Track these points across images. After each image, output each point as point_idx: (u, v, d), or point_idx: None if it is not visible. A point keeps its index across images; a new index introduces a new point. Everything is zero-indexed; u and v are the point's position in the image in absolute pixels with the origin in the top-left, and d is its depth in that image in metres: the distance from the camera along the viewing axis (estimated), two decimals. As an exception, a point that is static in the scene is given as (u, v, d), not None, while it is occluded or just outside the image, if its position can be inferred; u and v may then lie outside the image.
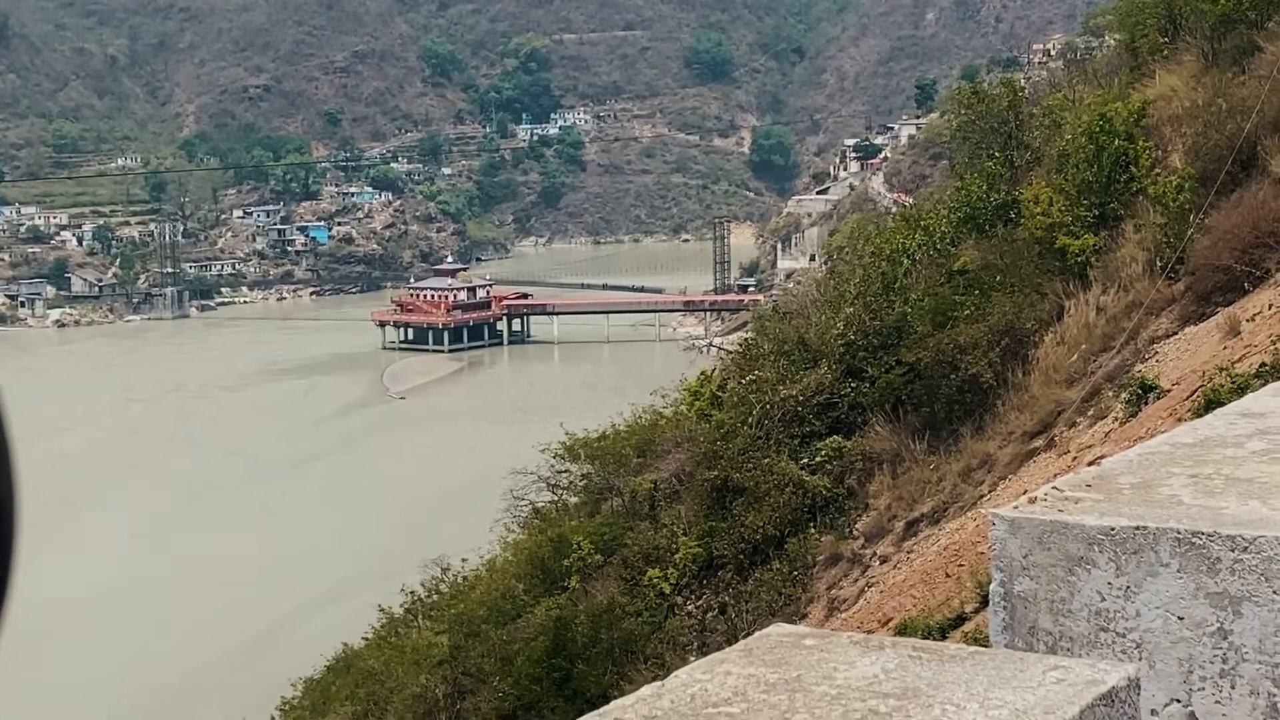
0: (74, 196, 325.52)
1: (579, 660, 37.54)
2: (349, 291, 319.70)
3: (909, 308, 38.80)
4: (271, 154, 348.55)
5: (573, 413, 77.17)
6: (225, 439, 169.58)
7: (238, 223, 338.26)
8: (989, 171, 43.07)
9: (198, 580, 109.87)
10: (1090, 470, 4.88)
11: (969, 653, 3.43)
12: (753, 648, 3.42)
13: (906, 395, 37.67)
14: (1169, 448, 5.02)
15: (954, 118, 54.14)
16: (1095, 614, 4.24)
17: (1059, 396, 33.89)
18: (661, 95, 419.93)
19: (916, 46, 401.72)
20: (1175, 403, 27.93)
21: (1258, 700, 4.07)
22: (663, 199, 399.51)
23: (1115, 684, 3.22)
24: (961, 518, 33.06)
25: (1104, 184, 37.50)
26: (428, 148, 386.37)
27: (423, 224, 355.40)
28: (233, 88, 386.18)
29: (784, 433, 39.29)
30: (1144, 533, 4.17)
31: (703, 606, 38.50)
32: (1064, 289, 36.67)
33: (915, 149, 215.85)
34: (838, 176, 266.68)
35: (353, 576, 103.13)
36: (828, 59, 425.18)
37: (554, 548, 44.27)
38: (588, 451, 51.08)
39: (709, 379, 50.38)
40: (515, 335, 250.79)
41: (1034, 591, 4.32)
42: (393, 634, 51.23)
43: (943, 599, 28.82)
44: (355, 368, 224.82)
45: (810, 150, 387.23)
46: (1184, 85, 39.62)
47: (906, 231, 45.15)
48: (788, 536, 37.37)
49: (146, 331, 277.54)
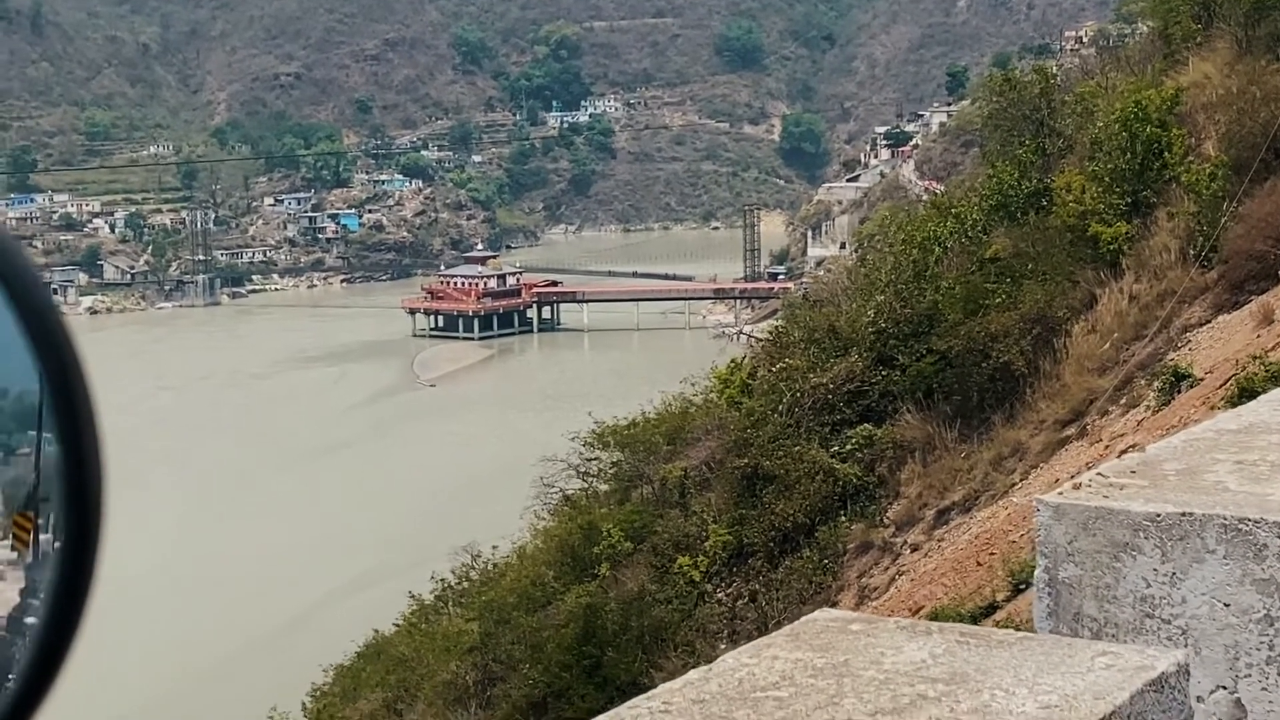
0: (106, 184, 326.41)
1: (609, 648, 37.57)
2: (379, 279, 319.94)
3: (940, 296, 38.71)
4: (302, 142, 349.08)
5: (602, 400, 77.28)
6: (255, 426, 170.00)
7: (269, 210, 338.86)
8: (1021, 159, 42.92)
9: (228, 567, 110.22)
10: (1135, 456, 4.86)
11: (1017, 638, 3.42)
12: (799, 632, 3.41)
13: (938, 383, 37.60)
14: (1214, 434, 4.99)
15: (985, 105, 54.05)
16: (1140, 600, 4.23)
17: (1091, 385, 33.79)
18: (692, 83, 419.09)
19: (948, 33, 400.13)
20: (1208, 391, 27.84)
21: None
22: (693, 186, 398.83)
23: (1165, 670, 3.21)
24: (993, 506, 33.00)
25: (1137, 172, 37.35)
26: (458, 135, 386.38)
27: (453, 211, 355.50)
28: (264, 75, 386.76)
29: (814, 421, 39.26)
30: (1190, 519, 4.15)
31: (733, 594, 38.50)
32: (1096, 277, 36.55)
33: (946, 136, 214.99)
34: (868, 164, 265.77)
35: (383, 563, 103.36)
36: (858, 46, 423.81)
37: (584, 535, 44.31)
38: (618, 439, 51.10)
39: (739, 367, 50.38)
40: (545, 323, 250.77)
41: (1079, 578, 4.30)
42: (423, 621, 51.35)
43: (974, 587, 28.78)
44: (385, 355, 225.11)
45: (841, 138, 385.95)
46: (1218, 72, 39.45)
47: (937, 219, 45.05)
48: (818, 524, 37.35)
49: (178, 319, 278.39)
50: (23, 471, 2.50)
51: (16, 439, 2.49)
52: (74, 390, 2.43)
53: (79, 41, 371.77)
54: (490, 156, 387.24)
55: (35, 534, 2.50)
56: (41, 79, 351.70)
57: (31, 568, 2.52)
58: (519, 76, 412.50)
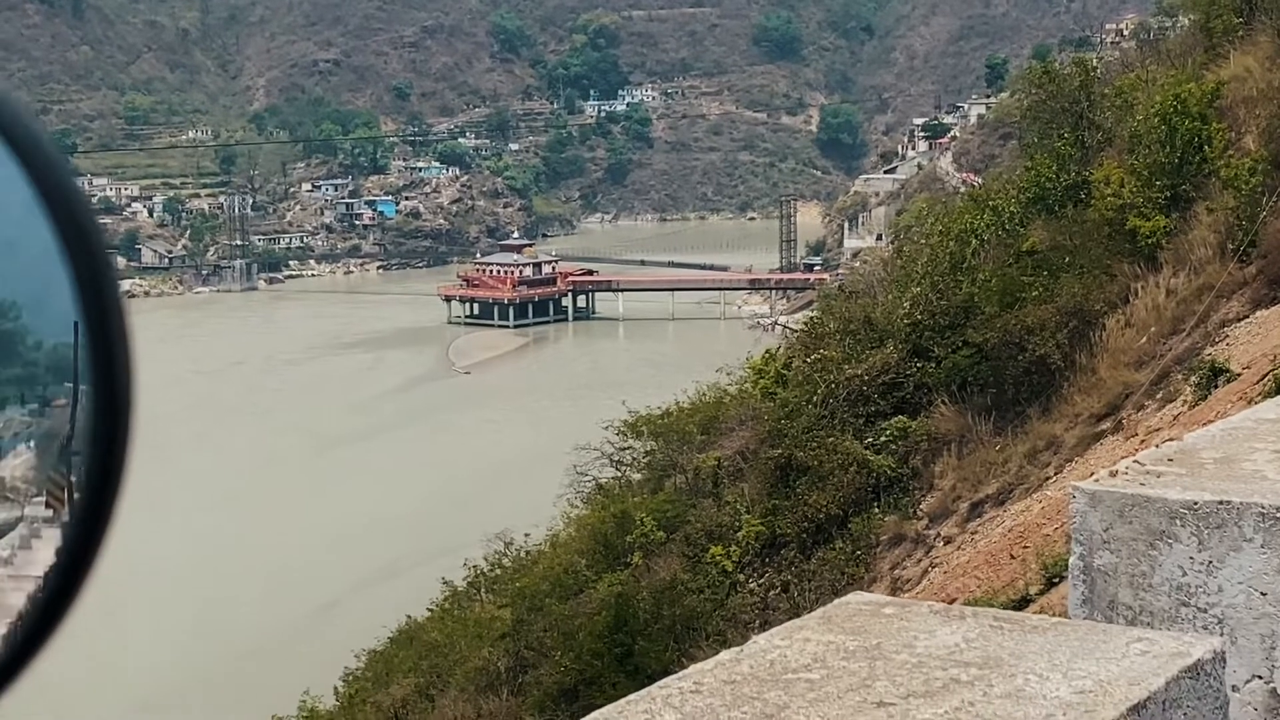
0: (145, 168, 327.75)
1: (640, 636, 37.60)
2: (415, 266, 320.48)
3: (976, 288, 38.61)
4: (340, 128, 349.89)
5: (637, 389, 77.21)
6: (290, 411, 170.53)
7: (306, 196, 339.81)
8: (1059, 152, 42.73)
9: (262, 551, 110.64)
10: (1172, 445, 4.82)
11: (1051, 623, 3.40)
12: (831, 615, 3.39)
13: (973, 376, 37.50)
14: (1252, 423, 4.95)
15: (1024, 97, 53.78)
16: (1176, 588, 4.19)
17: (1127, 379, 33.65)
18: (730, 73, 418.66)
19: (987, 25, 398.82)
20: (1246, 386, 27.69)
21: (1341, 679, 4.02)
22: (729, 177, 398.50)
23: (1200, 656, 3.18)
24: (1027, 499, 32.90)
25: (1176, 166, 37.17)
26: (495, 123, 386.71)
27: (489, 199, 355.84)
28: (303, 62, 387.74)
29: (849, 412, 39.20)
30: (1227, 507, 4.12)
31: (765, 585, 38.48)
32: (1134, 271, 36.39)
33: (984, 129, 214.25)
34: (906, 156, 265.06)
35: (416, 549, 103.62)
36: (897, 37, 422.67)
37: (617, 524, 44.37)
38: (651, 428, 51.19)
39: (774, 357, 50.33)
40: (580, 311, 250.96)
41: (1114, 565, 4.27)
42: (456, 607, 51.50)
43: (1007, 580, 28.70)
44: (421, 342, 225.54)
45: (878, 129, 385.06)
46: (1259, 66, 39.21)
47: (975, 211, 44.89)
48: (851, 516, 37.31)
49: (214, 303, 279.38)
50: (57, 424, 2.49)
51: (53, 390, 2.49)
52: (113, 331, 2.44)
53: (119, 26, 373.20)
54: (527, 145, 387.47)
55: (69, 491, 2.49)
56: (82, 63, 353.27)
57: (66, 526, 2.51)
58: (557, 65, 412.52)
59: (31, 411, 2.48)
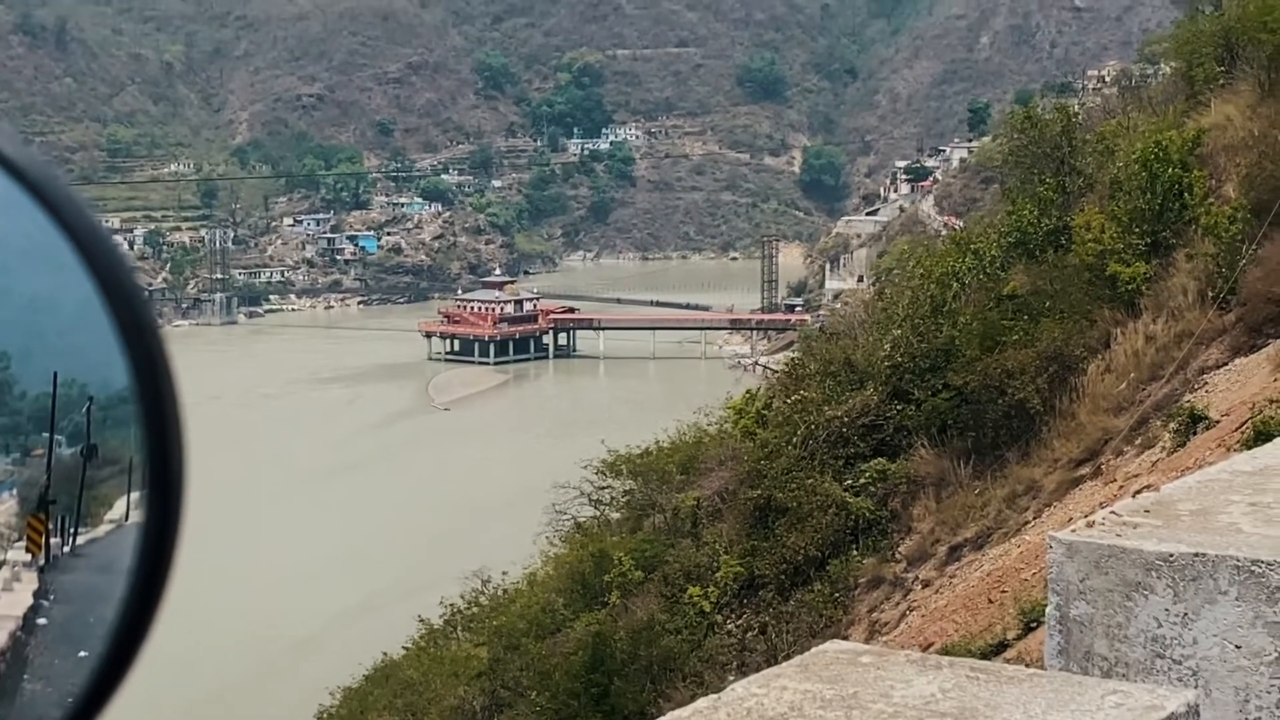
0: (126, 201, 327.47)
1: (617, 676, 37.50)
2: (396, 301, 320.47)
3: (957, 331, 38.69)
4: (323, 163, 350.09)
5: (616, 428, 77.17)
6: (267, 446, 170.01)
7: (288, 230, 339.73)
8: (1040, 196, 42.89)
9: (234, 587, 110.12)
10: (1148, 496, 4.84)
11: (1027, 674, 3.41)
12: (809, 663, 3.40)
13: (952, 419, 37.56)
14: (1228, 475, 4.97)
15: (1006, 142, 53.99)
16: (1152, 640, 4.20)
17: (1107, 424, 33.73)
18: (713, 113, 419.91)
19: (970, 70, 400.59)
20: (1224, 433, 27.77)
21: (1314, 732, 4.03)
22: (712, 216, 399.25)
23: (1174, 710, 3.19)
24: (1005, 544, 32.93)
25: (1157, 212, 37.32)
26: (479, 160, 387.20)
27: (471, 236, 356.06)
28: (286, 96, 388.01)
29: (828, 454, 39.23)
30: (1203, 560, 4.13)
31: (743, 626, 38.43)
32: (1114, 317, 36.51)
33: (966, 172, 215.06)
34: (888, 198, 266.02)
35: (392, 586, 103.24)
36: (880, 80, 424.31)
37: (595, 563, 44.28)
38: (630, 467, 51.12)
39: (754, 398, 50.35)
40: (561, 349, 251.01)
41: (1090, 616, 4.28)
42: (432, 645, 51.32)
43: (985, 625, 28.71)
44: (400, 377, 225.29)
45: (861, 171, 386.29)
46: (1240, 115, 39.42)
47: (956, 255, 45.00)
48: (830, 558, 37.30)
49: (194, 337, 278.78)
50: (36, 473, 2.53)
51: (33, 440, 2.52)
52: (162, 383, 2.48)
53: (103, 58, 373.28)
54: (510, 182, 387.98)
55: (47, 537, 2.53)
56: (65, 95, 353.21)
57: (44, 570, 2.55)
58: (541, 102, 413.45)
59: (14, 460, 2.52)
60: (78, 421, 2.53)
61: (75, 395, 2.51)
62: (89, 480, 2.57)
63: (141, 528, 2.52)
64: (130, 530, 2.55)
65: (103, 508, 2.57)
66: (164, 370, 2.49)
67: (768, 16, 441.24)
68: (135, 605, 2.53)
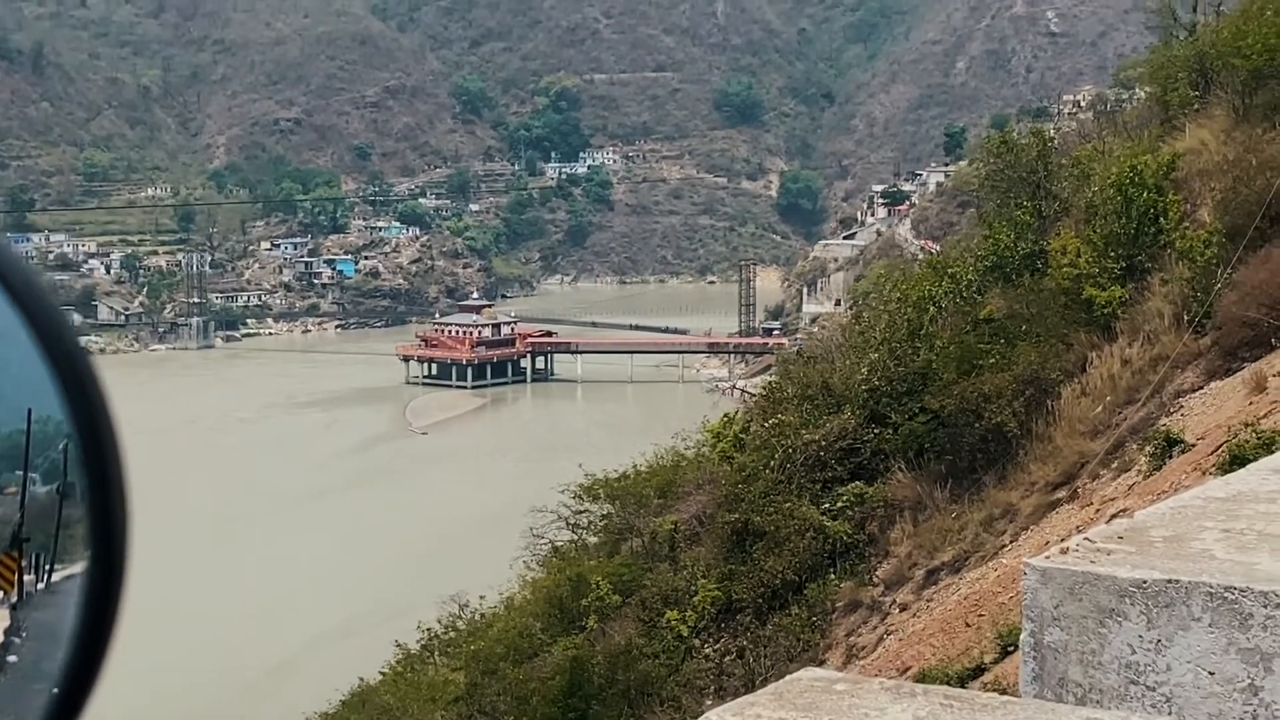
0: (103, 225, 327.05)
1: (595, 701, 37.41)
2: (374, 325, 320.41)
3: (934, 355, 38.72)
4: (300, 187, 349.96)
5: (594, 452, 77.14)
6: (243, 471, 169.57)
7: (265, 254, 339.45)
8: (1017, 221, 42.97)
9: (212, 612, 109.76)
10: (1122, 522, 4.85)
11: (1000, 702, 3.41)
12: (783, 691, 3.40)
13: (929, 443, 37.58)
14: (1201, 502, 4.98)
15: (983, 166, 54.04)
16: (1126, 666, 4.21)
17: (1083, 448, 33.76)
18: (690, 137, 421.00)
19: (946, 94, 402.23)
20: (1200, 457, 27.83)
21: (1288, 758, 4.03)
22: (689, 240, 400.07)
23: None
24: (982, 567, 32.93)
25: (1132, 236, 37.42)
26: (456, 184, 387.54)
27: (449, 260, 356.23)
28: (264, 120, 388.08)
29: (806, 477, 39.20)
30: (1176, 586, 4.14)
31: (720, 650, 38.35)
32: (1090, 340, 36.58)
33: (943, 196, 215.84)
34: (865, 222, 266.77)
35: (369, 611, 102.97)
36: (857, 105, 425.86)
37: (572, 587, 44.18)
38: (608, 491, 51.04)
39: (731, 421, 50.34)
40: (539, 373, 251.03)
41: (1064, 642, 4.29)
42: (409, 670, 51.13)
43: (962, 649, 28.70)
44: (378, 401, 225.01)
45: (838, 195, 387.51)
46: (1214, 139, 39.59)
47: (933, 278, 45.06)
48: (807, 582, 37.25)
49: (170, 361, 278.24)
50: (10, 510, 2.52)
51: (5, 478, 2.51)
52: (102, 431, 2.47)
53: (80, 82, 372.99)
54: (488, 206, 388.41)
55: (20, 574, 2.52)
56: (41, 119, 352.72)
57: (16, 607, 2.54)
58: (518, 127, 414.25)
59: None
60: (53, 459, 2.52)
61: (51, 432, 2.50)
62: (65, 519, 2.56)
63: (86, 572, 2.51)
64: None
65: (79, 545, 2.56)
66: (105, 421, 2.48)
67: (745, 41, 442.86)
68: (83, 649, 2.52)
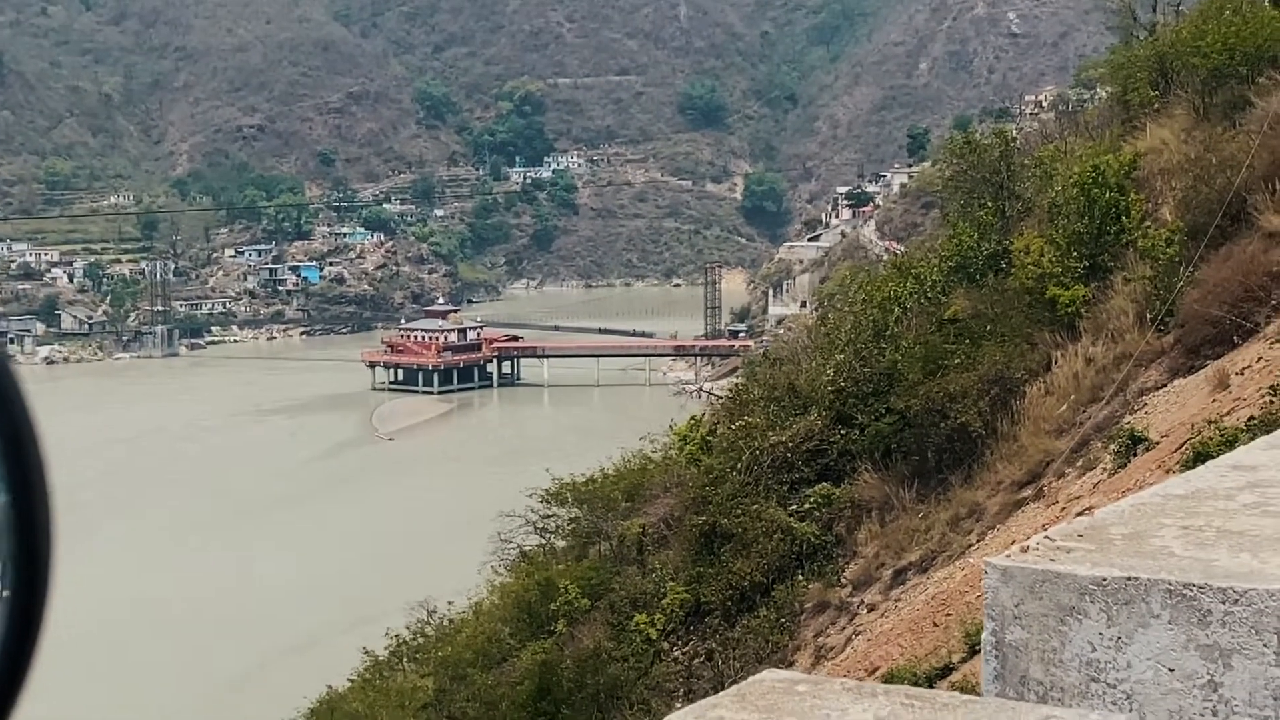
0: (66, 233, 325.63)
1: (564, 705, 37.40)
2: (339, 332, 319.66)
3: (899, 355, 38.81)
4: (264, 193, 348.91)
5: (562, 456, 77.12)
6: (208, 479, 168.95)
7: (229, 262, 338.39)
8: (980, 221, 43.09)
9: (177, 621, 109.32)
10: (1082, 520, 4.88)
11: (961, 701, 3.42)
12: (746, 693, 3.41)
13: (896, 443, 37.66)
14: (1160, 499, 5.01)
15: (946, 167, 54.17)
16: (1086, 664, 4.23)
17: (1048, 447, 33.86)
18: (655, 140, 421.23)
19: (909, 96, 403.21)
20: (1164, 455, 27.93)
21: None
22: (655, 243, 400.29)
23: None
24: (950, 567, 32.99)
25: (1094, 235, 37.54)
26: (420, 189, 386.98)
27: (414, 265, 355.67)
28: (226, 127, 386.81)
29: (773, 479, 39.25)
30: (1135, 584, 4.16)
31: (689, 653, 38.37)
32: (1054, 339, 36.70)
33: (907, 197, 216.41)
34: (829, 224, 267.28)
35: (337, 618, 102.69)
36: (821, 107, 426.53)
37: (541, 592, 44.15)
38: (575, 495, 51.01)
39: (698, 424, 50.38)
40: (505, 377, 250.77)
41: (1025, 641, 4.31)
42: (377, 677, 51.02)
43: (930, 648, 28.76)
44: (344, 408, 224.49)
45: (802, 197, 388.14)
46: (1175, 139, 39.74)
47: (897, 279, 45.15)
48: (775, 583, 37.28)
49: (135, 369, 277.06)
50: None
51: None
52: (25, 446, 2.45)
53: (41, 90, 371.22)
54: (453, 211, 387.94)
55: None
56: (2, 127, 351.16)
57: None
58: (482, 131, 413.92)
59: None
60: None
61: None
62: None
63: (9, 586, 2.50)
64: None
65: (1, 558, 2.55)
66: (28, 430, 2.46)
67: (708, 44, 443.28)
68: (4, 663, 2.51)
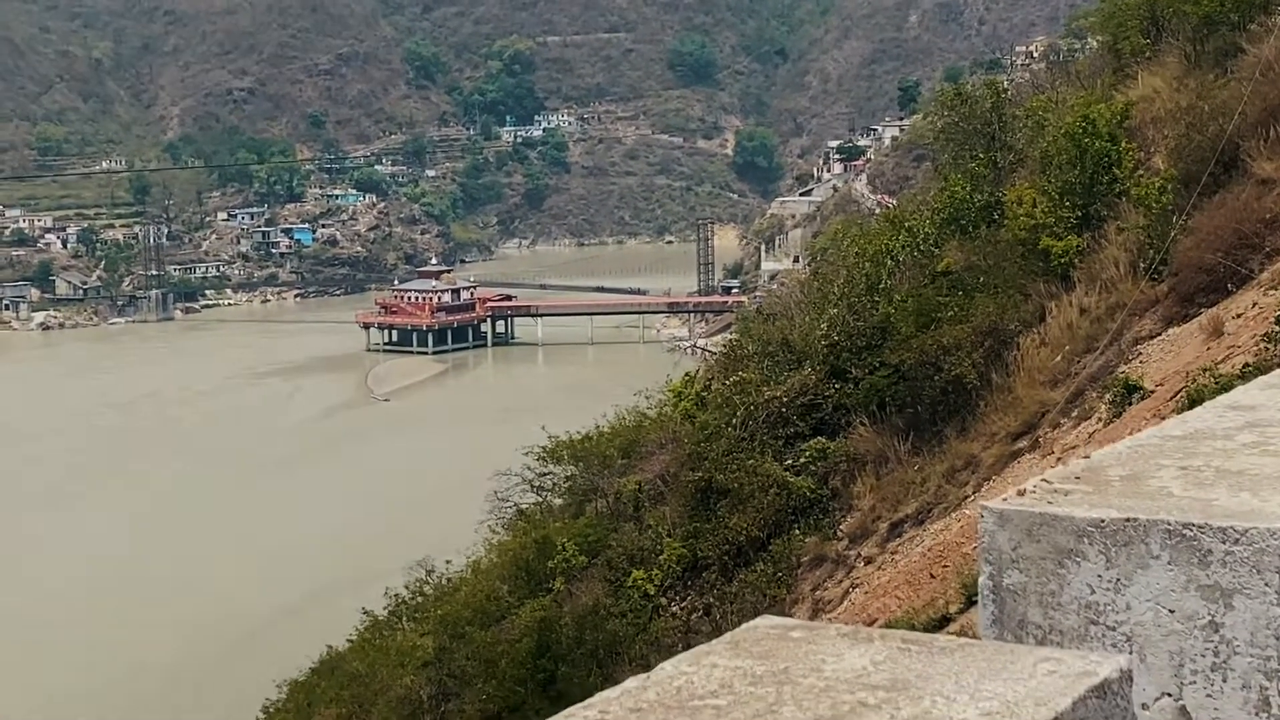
0: (58, 199, 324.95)
1: (563, 662, 37.51)
2: (333, 294, 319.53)
3: (893, 309, 38.80)
4: (256, 156, 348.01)
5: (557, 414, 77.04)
6: (206, 442, 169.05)
7: (222, 225, 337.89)
8: (972, 173, 43.05)
9: (179, 582, 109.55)
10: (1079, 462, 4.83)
11: (958, 644, 3.39)
12: (739, 640, 3.37)
13: (890, 396, 37.67)
14: (1158, 440, 4.97)
15: (937, 119, 54.05)
16: (1085, 607, 4.19)
17: (1043, 398, 33.87)
18: (645, 97, 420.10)
19: (899, 48, 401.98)
20: (1159, 403, 27.93)
21: (1249, 694, 4.02)
22: (646, 201, 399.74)
23: (1108, 675, 3.17)
24: (946, 519, 33.04)
25: (1087, 185, 37.47)
26: (412, 150, 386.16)
27: (407, 226, 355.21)
28: (217, 90, 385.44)
29: (768, 434, 39.29)
30: (1134, 525, 4.12)
31: (687, 608, 38.47)
32: (1047, 290, 36.66)
33: (898, 151, 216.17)
34: (821, 178, 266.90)
35: (337, 578, 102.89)
36: (811, 61, 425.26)
37: (538, 549, 44.27)
38: (571, 453, 51.10)
39: (693, 380, 50.44)
40: (499, 337, 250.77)
41: (1023, 584, 4.27)
42: (377, 636, 51.17)
43: (927, 600, 28.81)
44: (339, 370, 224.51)
45: (794, 152, 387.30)
46: (1167, 87, 39.65)
47: (890, 233, 45.15)
48: (772, 538, 37.36)
49: (130, 334, 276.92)
50: None
51: None
52: None
53: (30, 56, 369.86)
54: (444, 171, 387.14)
55: None
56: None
57: None
58: (472, 91, 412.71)
59: None
60: None
61: None
62: None
63: None
64: None
65: None
66: None
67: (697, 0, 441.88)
68: None
